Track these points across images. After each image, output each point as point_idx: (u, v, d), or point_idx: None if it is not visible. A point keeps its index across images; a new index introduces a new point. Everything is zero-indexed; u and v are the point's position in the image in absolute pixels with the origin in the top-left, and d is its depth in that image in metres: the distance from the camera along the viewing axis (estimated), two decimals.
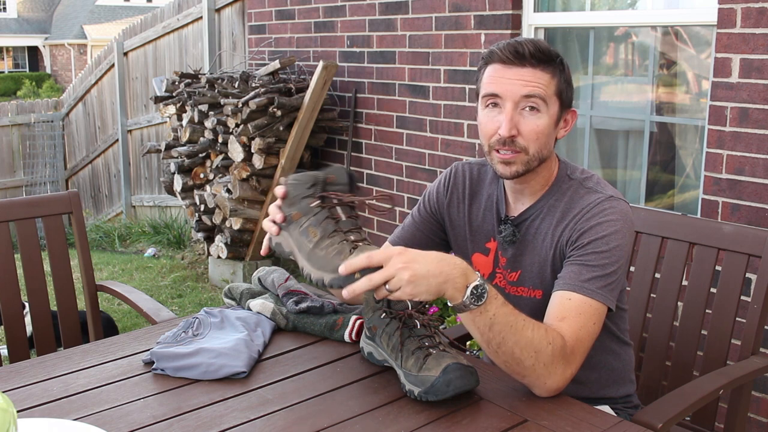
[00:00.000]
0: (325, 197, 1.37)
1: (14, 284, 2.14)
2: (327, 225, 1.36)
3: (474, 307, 1.28)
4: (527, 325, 1.32)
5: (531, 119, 1.48)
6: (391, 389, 1.40)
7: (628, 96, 3.37)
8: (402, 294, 1.25)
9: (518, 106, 1.47)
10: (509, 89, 1.47)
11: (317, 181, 1.38)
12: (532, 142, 1.48)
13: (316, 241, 1.35)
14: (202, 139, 4.68)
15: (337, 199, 1.37)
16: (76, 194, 2.30)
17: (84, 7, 31.45)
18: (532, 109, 1.47)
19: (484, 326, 1.29)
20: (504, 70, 1.48)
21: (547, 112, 1.49)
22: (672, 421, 1.47)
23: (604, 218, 1.48)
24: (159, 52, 6.87)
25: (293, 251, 1.39)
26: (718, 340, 1.87)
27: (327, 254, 1.32)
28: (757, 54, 2.56)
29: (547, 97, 1.48)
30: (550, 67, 1.49)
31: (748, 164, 2.61)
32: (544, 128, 1.49)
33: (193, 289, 4.93)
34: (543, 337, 1.32)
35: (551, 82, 1.48)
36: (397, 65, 4.09)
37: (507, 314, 1.31)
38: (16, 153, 8.11)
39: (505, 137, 1.47)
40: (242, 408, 1.33)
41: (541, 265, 1.56)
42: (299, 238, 1.38)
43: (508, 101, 1.47)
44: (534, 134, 1.48)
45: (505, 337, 1.30)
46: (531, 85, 1.46)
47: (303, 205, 1.38)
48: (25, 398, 1.38)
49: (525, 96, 1.46)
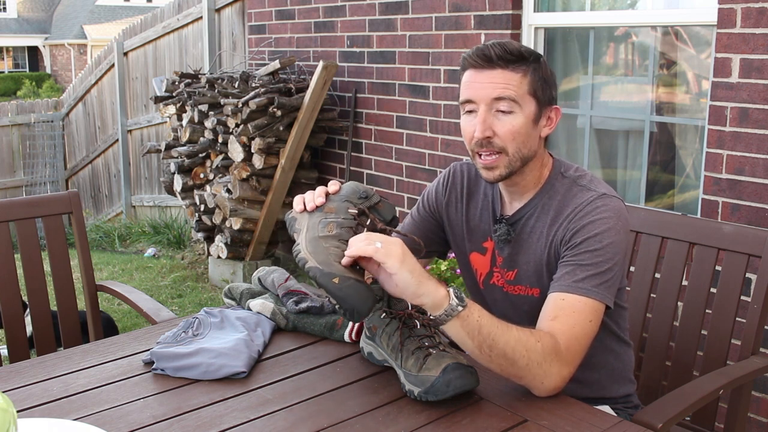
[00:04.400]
0: (364, 213, 1.42)
1: (14, 284, 2.14)
2: (346, 232, 1.38)
3: (461, 309, 1.29)
4: (511, 326, 1.34)
5: (505, 120, 1.49)
6: (391, 389, 1.40)
7: (628, 96, 3.37)
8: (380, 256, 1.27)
9: (491, 109, 1.49)
10: (480, 93, 1.49)
11: (369, 199, 1.44)
12: (509, 142, 1.50)
13: (328, 235, 1.36)
14: (202, 139, 4.68)
15: (372, 222, 1.41)
16: (76, 194, 2.30)
17: (84, 7, 31.45)
18: (504, 110, 1.49)
19: (473, 330, 1.30)
20: (475, 75, 1.50)
21: (521, 112, 1.49)
22: (672, 421, 1.47)
23: (596, 216, 1.48)
24: (159, 52, 6.87)
25: (301, 230, 1.41)
26: (718, 340, 1.87)
27: (327, 250, 1.34)
28: (757, 54, 2.56)
29: (518, 98, 1.49)
30: (521, 67, 1.49)
31: (748, 164, 2.61)
32: (520, 128, 1.49)
33: (193, 289, 4.93)
34: (529, 336, 1.34)
35: (522, 81, 1.49)
36: (397, 65, 4.09)
37: (490, 317, 1.33)
38: (16, 153, 8.11)
39: (480, 138, 1.49)
40: (242, 408, 1.33)
41: (536, 263, 1.56)
42: (316, 223, 1.39)
43: (481, 104, 1.49)
44: (510, 134, 1.49)
45: (495, 338, 1.30)
46: (500, 87, 1.48)
47: (342, 207, 1.41)
48: (25, 398, 1.38)
49: (495, 98, 1.48)
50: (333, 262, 1.30)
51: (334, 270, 1.29)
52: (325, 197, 1.43)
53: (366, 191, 1.45)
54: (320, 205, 1.42)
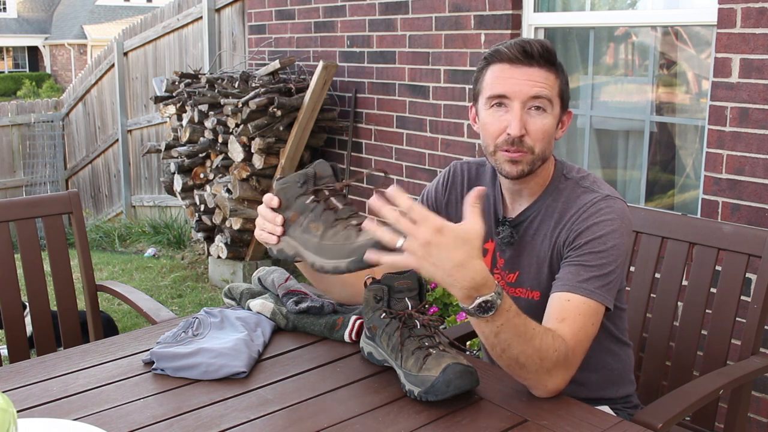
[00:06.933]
0: (318, 191, 1.39)
1: (14, 284, 2.14)
2: (327, 216, 1.36)
3: (479, 317, 1.26)
4: (536, 334, 1.30)
5: (538, 119, 1.47)
6: (391, 389, 1.40)
7: (628, 96, 3.37)
8: (405, 261, 1.19)
9: (525, 106, 1.47)
10: (518, 89, 1.46)
11: (307, 179, 1.40)
12: (539, 141, 1.48)
13: (321, 233, 1.36)
14: (202, 139, 4.68)
15: (329, 190, 1.38)
16: (76, 194, 2.30)
17: (84, 7, 31.45)
18: (538, 109, 1.47)
19: (489, 333, 1.28)
20: (512, 70, 1.47)
21: (551, 113, 1.49)
22: (672, 421, 1.47)
23: (600, 218, 1.47)
24: (159, 52, 6.87)
25: (298, 251, 1.39)
26: (718, 340, 1.87)
27: (336, 242, 1.33)
28: (757, 54, 2.56)
29: (552, 98, 1.48)
30: (554, 67, 1.49)
31: (748, 164, 2.61)
32: (550, 128, 1.49)
33: (193, 289, 4.93)
34: (550, 345, 1.31)
35: (556, 82, 1.49)
36: (397, 65, 4.09)
37: (517, 325, 1.28)
38: (16, 153, 8.11)
39: (514, 137, 1.46)
40: (242, 408, 1.33)
41: (539, 265, 1.56)
42: (302, 236, 1.38)
43: (516, 101, 1.46)
44: (541, 134, 1.48)
45: (510, 345, 1.28)
46: (539, 85, 1.46)
47: (298, 205, 1.39)
48: (25, 398, 1.37)
49: (533, 96, 1.46)
50: (349, 246, 1.30)
51: (356, 249, 1.28)
52: (279, 217, 1.39)
53: (299, 177, 1.41)
54: (285, 224, 1.39)
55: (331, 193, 1.38)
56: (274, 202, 1.40)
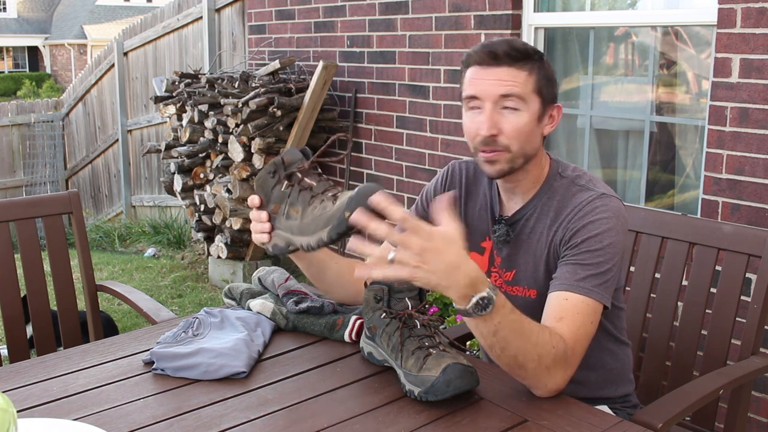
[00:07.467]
0: (290, 175, 1.41)
1: (14, 284, 2.14)
2: (304, 197, 1.39)
3: (477, 316, 1.26)
4: (533, 331, 1.31)
5: (511, 117, 1.49)
6: (391, 389, 1.40)
7: (628, 96, 3.37)
8: (398, 273, 1.20)
9: (497, 106, 1.49)
10: (486, 90, 1.49)
11: (277, 167, 1.43)
12: (514, 139, 1.49)
13: (300, 214, 1.38)
14: (202, 139, 4.68)
15: (301, 172, 1.41)
16: (76, 194, 2.30)
17: (84, 7, 31.46)
18: (510, 108, 1.48)
19: (487, 332, 1.28)
20: (481, 72, 1.50)
21: (527, 110, 1.49)
22: (672, 421, 1.47)
23: (596, 216, 1.48)
24: (159, 52, 6.87)
25: (288, 240, 1.41)
26: (718, 340, 1.87)
27: (315, 216, 1.35)
28: (757, 54, 2.56)
29: (525, 95, 1.49)
30: (527, 65, 1.49)
31: (748, 164, 2.61)
32: (525, 126, 1.50)
33: (193, 289, 4.93)
34: (547, 342, 1.32)
35: (528, 79, 1.49)
36: (397, 65, 4.09)
37: (513, 321, 1.29)
38: (16, 153, 8.11)
39: (485, 136, 1.49)
40: (242, 408, 1.33)
41: (535, 264, 1.56)
42: (287, 223, 1.41)
43: (487, 101, 1.49)
44: (514, 132, 1.49)
45: (508, 343, 1.29)
46: (507, 84, 1.48)
47: (276, 195, 1.43)
48: (25, 398, 1.38)
49: (502, 95, 1.48)
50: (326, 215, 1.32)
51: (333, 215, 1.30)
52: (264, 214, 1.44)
53: (269, 168, 1.44)
54: (270, 219, 1.44)
55: (304, 174, 1.41)
56: (255, 201, 1.45)
